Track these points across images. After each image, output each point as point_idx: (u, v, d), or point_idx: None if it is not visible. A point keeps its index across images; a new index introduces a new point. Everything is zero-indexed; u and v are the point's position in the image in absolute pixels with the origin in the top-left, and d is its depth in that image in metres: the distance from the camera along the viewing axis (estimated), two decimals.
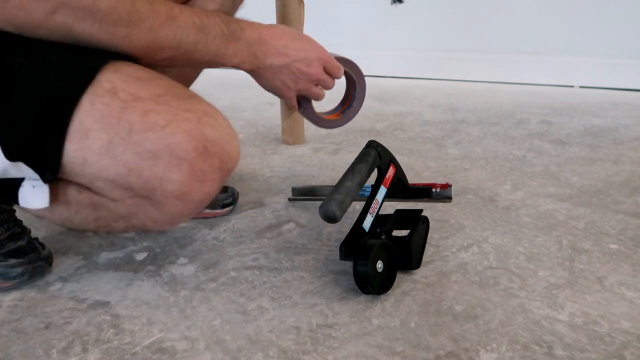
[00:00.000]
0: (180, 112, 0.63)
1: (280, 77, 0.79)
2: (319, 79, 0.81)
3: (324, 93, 0.85)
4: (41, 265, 0.78)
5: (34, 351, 0.62)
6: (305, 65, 0.78)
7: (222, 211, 0.98)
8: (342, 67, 0.85)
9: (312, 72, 0.79)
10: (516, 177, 1.16)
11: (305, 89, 0.82)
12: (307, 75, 0.79)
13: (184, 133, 0.62)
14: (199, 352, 0.61)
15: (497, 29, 2.39)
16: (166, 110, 0.63)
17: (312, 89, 0.83)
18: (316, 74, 0.80)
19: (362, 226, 0.76)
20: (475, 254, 0.82)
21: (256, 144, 1.49)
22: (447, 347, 0.61)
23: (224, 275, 0.78)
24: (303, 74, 0.79)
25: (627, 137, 1.48)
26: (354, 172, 0.78)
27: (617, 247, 0.83)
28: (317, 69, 0.80)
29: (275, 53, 0.76)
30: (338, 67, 0.83)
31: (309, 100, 0.87)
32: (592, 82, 2.27)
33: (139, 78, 0.64)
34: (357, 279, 0.70)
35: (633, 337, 0.62)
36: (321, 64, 0.80)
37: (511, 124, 1.65)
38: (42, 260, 0.78)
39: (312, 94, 0.84)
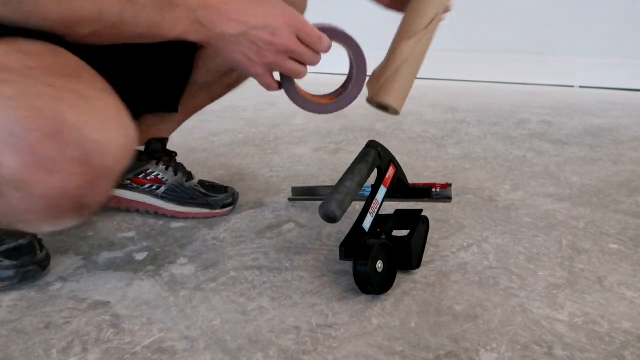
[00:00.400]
0: (41, 86, 0.54)
1: (239, 49, 0.66)
2: (291, 49, 0.67)
3: (303, 69, 0.71)
4: (33, 270, 0.76)
5: (34, 351, 0.62)
6: (268, 34, 0.65)
7: (221, 211, 0.98)
8: (327, 37, 0.70)
9: (278, 42, 0.66)
10: (516, 177, 1.16)
11: (276, 63, 0.68)
12: (273, 45, 0.66)
13: (31, 109, 0.52)
14: (199, 352, 0.61)
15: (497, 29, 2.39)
16: (25, 82, 0.54)
17: (285, 63, 0.69)
18: (285, 44, 0.66)
19: (362, 226, 0.76)
20: (475, 254, 0.82)
21: (256, 144, 1.49)
22: (447, 347, 0.61)
23: (224, 275, 0.78)
24: (267, 43, 0.66)
25: (627, 137, 1.48)
26: (354, 172, 0.78)
27: (617, 247, 0.83)
28: (287, 37, 0.66)
29: (226, 19, 0.64)
30: (318, 37, 0.68)
31: (290, 78, 0.74)
32: (592, 82, 2.27)
33: (27, 52, 0.57)
34: (357, 279, 0.70)
35: (633, 337, 0.62)
36: (292, 32, 0.67)
37: (511, 124, 1.65)
38: (36, 264, 0.77)
39: (287, 70, 0.70)
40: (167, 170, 0.99)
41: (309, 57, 0.69)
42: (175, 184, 0.98)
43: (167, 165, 0.99)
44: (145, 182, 0.98)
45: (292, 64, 0.69)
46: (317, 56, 0.70)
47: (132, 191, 0.99)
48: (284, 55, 0.68)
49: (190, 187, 0.98)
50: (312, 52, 0.69)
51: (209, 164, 1.32)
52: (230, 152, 1.42)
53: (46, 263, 0.79)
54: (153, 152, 1.00)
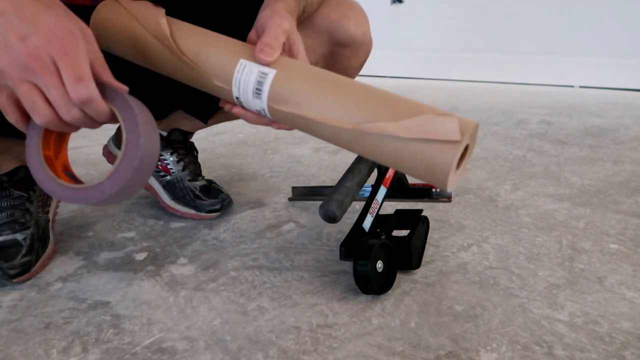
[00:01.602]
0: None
1: None
2: (34, 68, 0.48)
3: (44, 109, 0.50)
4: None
5: (34, 351, 0.62)
6: (17, 33, 0.48)
7: (207, 215, 0.98)
8: (89, 84, 0.50)
9: (21, 49, 0.47)
10: (516, 177, 1.16)
11: (8, 72, 0.49)
12: (15, 49, 0.48)
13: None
14: (199, 352, 0.61)
15: (497, 29, 2.39)
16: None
17: (20, 83, 0.49)
18: (28, 55, 0.47)
19: (362, 226, 0.76)
20: (475, 254, 0.82)
21: (256, 144, 1.49)
22: (447, 347, 0.61)
23: (224, 275, 0.78)
24: (9, 45, 0.48)
25: (627, 137, 1.48)
26: (354, 172, 0.78)
27: (617, 247, 0.83)
28: (36, 50, 0.48)
29: None
30: (77, 77, 0.49)
31: (35, 123, 0.54)
32: (592, 82, 2.27)
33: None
34: (357, 279, 0.70)
35: (633, 337, 0.62)
36: (51, 50, 0.48)
37: (511, 124, 1.65)
38: (5, 271, 0.73)
39: (20, 94, 0.50)
40: (178, 163, 1.00)
41: (55, 94, 0.49)
42: (176, 179, 0.99)
43: (180, 159, 1.00)
44: (156, 166, 1.00)
45: (30, 89, 0.49)
46: (67, 103, 0.50)
47: None
48: (24, 70, 0.48)
49: (187, 187, 0.99)
50: (63, 92, 0.49)
51: (209, 164, 1.32)
52: (230, 152, 1.42)
53: (22, 270, 0.75)
54: (172, 142, 1.01)
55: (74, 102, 0.50)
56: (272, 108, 0.57)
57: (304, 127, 0.56)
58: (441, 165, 0.49)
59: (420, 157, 0.49)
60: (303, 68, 0.58)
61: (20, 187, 0.81)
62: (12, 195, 0.80)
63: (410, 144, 0.50)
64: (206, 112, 0.99)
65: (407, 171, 0.52)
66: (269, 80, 0.56)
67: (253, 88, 0.56)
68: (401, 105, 0.52)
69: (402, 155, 0.50)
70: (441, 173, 0.49)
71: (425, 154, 0.49)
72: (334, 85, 0.55)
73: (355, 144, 0.53)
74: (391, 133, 0.50)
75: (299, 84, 0.55)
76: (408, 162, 0.51)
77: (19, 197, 0.80)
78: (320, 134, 0.55)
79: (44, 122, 0.51)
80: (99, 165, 1.23)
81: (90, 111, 0.52)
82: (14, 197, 0.80)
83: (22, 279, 0.76)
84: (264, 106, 0.57)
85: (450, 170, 0.49)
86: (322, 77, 0.56)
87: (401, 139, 0.50)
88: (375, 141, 0.51)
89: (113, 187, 0.54)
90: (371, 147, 0.52)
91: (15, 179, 0.81)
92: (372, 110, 0.52)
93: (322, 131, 0.55)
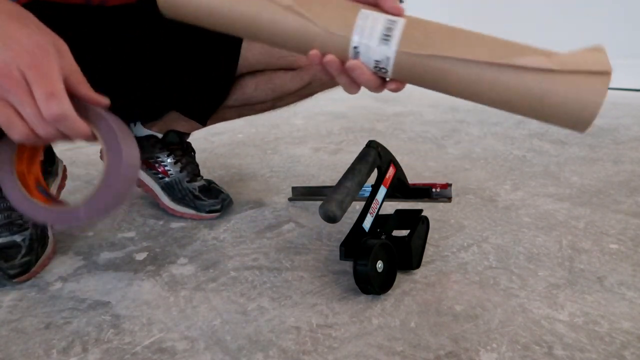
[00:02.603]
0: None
1: None
2: (4, 85, 0.47)
3: (20, 125, 0.48)
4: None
5: (34, 351, 0.62)
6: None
7: (207, 215, 0.98)
8: (62, 100, 0.47)
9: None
10: (516, 177, 1.16)
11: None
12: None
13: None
14: (199, 352, 0.61)
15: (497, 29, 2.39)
16: None
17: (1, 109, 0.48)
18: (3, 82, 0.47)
19: (362, 226, 0.76)
20: (475, 254, 0.82)
21: (256, 144, 1.49)
22: (447, 347, 0.61)
23: (224, 275, 0.78)
24: None
25: (627, 137, 1.48)
26: (354, 172, 0.78)
27: (617, 247, 0.83)
28: (5, 65, 0.46)
29: None
30: (49, 93, 0.47)
31: (6, 143, 0.52)
32: None
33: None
34: (357, 279, 0.70)
35: (633, 337, 0.62)
36: (21, 64, 0.47)
37: (511, 124, 1.65)
38: (5, 271, 0.74)
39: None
40: (175, 165, 1.00)
41: (29, 112, 0.47)
42: (175, 181, 0.99)
43: (177, 160, 1.00)
44: (154, 168, 1.01)
45: (3, 107, 0.48)
46: (41, 120, 0.48)
47: (142, 171, 1.02)
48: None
49: (186, 188, 0.99)
50: (37, 109, 0.47)
51: (208, 164, 1.32)
52: (230, 152, 1.42)
53: (22, 272, 0.76)
54: (169, 143, 1.01)
55: (47, 119, 0.48)
56: (402, 54, 0.53)
57: (437, 74, 0.54)
58: (593, 98, 0.48)
59: (570, 91, 0.49)
60: (427, 20, 0.56)
61: None
62: None
63: (560, 78, 0.49)
64: (203, 113, 0.99)
65: (550, 112, 0.51)
66: (400, 25, 0.54)
67: (380, 34, 0.53)
68: (528, 47, 0.52)
69: (551, 91, 0.50)
70: (593, 106, 0.48)
71: (577, 87, 0.48)
72: (465, 31, 0.54)
73: (500, 85, 0.52)
74: (546, 66, 0.50)
75: (432, 28, 0.54)
76: (555, 99, 0.50)
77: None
78: (457, 78, 0.53)
79: (21, 139, 0.49)
80: (99, 165, 1.23)
81: (65, 129, 0.49)
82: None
83: (22, 279, 0.76)
84: (391, 53, 0.53)
85: (602, 103, 0.48)
86: (450, 26, 0.56)
87: (552, 74, 0.49)
88: (523, 79, 0.51)
89: (90, 213, 0.52)
90: (517, 86, 0.51)
91: None
92: (511, 48, 0.52)
93: (463, 73, 0.53)
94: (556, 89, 0.49)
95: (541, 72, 0.50)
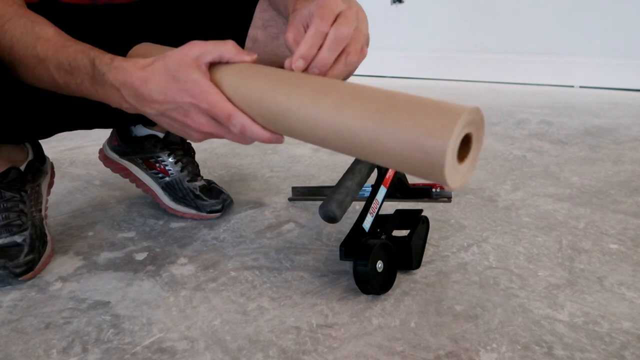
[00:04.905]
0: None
1: (168, 125, 0.63)
2: (207, 132, 0.62)
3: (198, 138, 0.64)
4: (2, 275, 0.74)
5: (34, 351, 0.62)
6: (181, 115, 0.61)
7: (208, 215, 0.98)
8: (236, 116, 0.59)
9: (192, 124, 0.61)
10: (516, 177, 1.16)
11: (205, 139, 0.64)
12: (189, 126, 0.62)
13: None
14: (199, 352, 0.61)
15: (497, 29, 2.39)
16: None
17: (213, 138, 0.64)
18: (198, 127, 0.61)
19: (362, 226, 0.76)
20: (475, 254, 0.82)
21: (256, 144, 1.49)
22: (447, 347, 0.61)
23: (224, 275, 0.78)
24: (183, 124, 0.62)
25: (627, 137, 1.48)
26: (354, 172, 0.78)
27: (617, 247, 0.83)
28: (197, 119, 0.60)
29: (142, 100, 0.61)
30: (226, 116, 0.59)
31: None
32: (592, 82, 2.27)
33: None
34: (357, 279, 0.70)
35: (633, 337, 0.62)
36: (201, 112, 0.60)
37: (511, 124, 1.65)
38: (7, 269, 0.74)
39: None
40: (176, 165, 1.00)
41: (231, 138, 0.62)
42: (175, 180, 0.99)
43: (178, 160, 1.00)
44: (154, 168, 1.01)
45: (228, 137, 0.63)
46: (241, 137, 0.62)
47: (142, 171, 1.02)
48: (204, 134, 0.62)
49: (187, 188, 0.98)
50: (239, 134, 0.61)
51: (209, 164, 1.32)
52: (230, 152, 1.42)
53: (25, 270, 0.76)
54: (170, 143, 1.01)
55: (235, 133, 0.61)
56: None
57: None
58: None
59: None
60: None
61: (11, 189, 0.81)
62: (4, 197, 0.80)
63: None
64: None
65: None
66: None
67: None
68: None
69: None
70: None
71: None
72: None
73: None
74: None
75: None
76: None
77: (11, 198, 0.80)
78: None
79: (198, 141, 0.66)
80: (99, 165, 1.23)
81: (250, 135, 0.60)
82: (7, 199, 0.80)
83: (28, 276, 0.77)
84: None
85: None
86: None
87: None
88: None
89: None
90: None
91: (5, 181, 0.81)
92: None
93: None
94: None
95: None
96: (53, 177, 0.96)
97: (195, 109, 0.59)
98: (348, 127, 0.52)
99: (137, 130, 1.02)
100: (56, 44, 0.63)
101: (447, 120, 0.46)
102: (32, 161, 0.87)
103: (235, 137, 0.62)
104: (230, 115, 0.59)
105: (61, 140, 1.51)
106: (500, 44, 2.40)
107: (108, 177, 1.22)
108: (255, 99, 0.58)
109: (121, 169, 1.04)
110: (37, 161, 0.88)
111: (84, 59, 0.62)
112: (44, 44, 0.63)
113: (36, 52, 0.63)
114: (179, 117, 0.61)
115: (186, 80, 0.59)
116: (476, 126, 0.49)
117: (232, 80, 0.60)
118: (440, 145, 0.46)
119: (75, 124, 0.88)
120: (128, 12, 0.83)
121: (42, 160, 0.92)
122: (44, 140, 0.92)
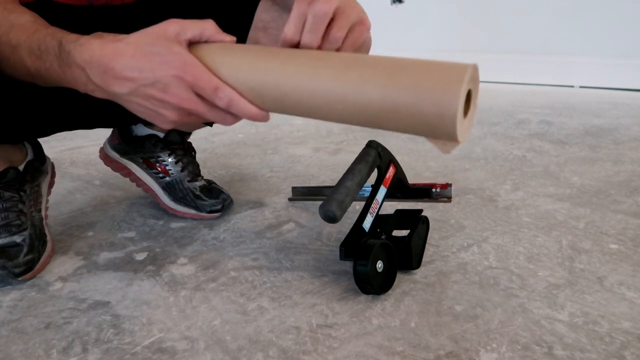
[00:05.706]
0: None
1: (140, 106, 0.58)
2: (186, 108, 0.57)
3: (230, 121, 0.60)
4: (1, 275, 0.74)
5: (34, 351, 0.62)
6: (159, 90, 0.56)
7: (208, 215, 0.98)
8: (223, 89, 0.56)
9: (170, 100, 0.56)
10: (516, 177, 1.16)
11: (181, 120, 0.59)
12: (167, 102, 0.57)
13: None
14: (199, 352, 0.61)
15: (497, 29, 2.39)
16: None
17: (191, 120, 0.60)
18: (177, 102, 0.56)
19: (362, 226, 0.76)
20: (475, 254, 0.82)
21: (256, 144, 1.49)
22: (447, 347, 0.61)
23: (224, 275, 0.78)
24: (160, 100, 0.57)
25: (627, 137, 1.48)
26: (354, 172, 0.78)
27: (617, 247, 0.83)
28: (178, 93, 0.56)
29: (112, 78, 0.56)
30: (212, 89, 0.56)
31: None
32: (592, 82, 2.27)
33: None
34: (357, 279, 0.70)
35: (633, 337, 0.62)
36: (185, 86, 0.56)
37: (511, 124, 1.65)
38: (6, 269, 0.74)
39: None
40: (176, 164, 1.00)
41: (213, 117, 0.59)
42: (175, 180, 0.99)
43: (178, 160, 1.00)
44: (154, 168, 1.00)
45: (197, 121, 0.61)
46: (224, 114, 0.58)
47: (143, 170, 1.02)
48: (183, 112, 0.58)
49: (187, 188, 0.98)
50: (217, 109, 0.58)
51: (209, 164, 1.32)
52: (230, 152, 1.42)
53: (24, 270, 0.76)
54: (170, 142, 1.01)
55: (223, 108, 0.58)
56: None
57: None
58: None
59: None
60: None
61: (10, 189, 0.81)
62: (3, 197, 0.80)
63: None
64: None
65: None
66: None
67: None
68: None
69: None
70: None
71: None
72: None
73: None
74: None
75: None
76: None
77: (10, 198, 0.80)
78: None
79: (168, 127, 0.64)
80: (99, 165, 1.23)
81: (236, 110, 0.58)
82: (6, 199, 0.80)
83: (28, 276, 0.76)
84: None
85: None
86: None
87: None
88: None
89: None
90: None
91: (4, 181, 0.81)
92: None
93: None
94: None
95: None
96: (53, 177, 0.96)
97: (178, 83, 0.55)
98: (353, 88, 0.52)
99: (138, 129, 1.02)
100: (28, 30, 0.60)
101: (456, 73, 0.49)
102: (31, 161, 0.87)
103: (218, 115, 0.58)
104: (218, 87, 0.56)
105: (61, 140, 1.51)
106: (500, 44, 2.40)
107: (108, 177, 1.22)
108: (244, 70, 0.56)
109: (121, 168, 1.04)
110: (37, 161, 0.88)
111: (52, 41, 0.58)
112: (17, 30, 0.60)
113: (9, 39, 0.60)
114: (155, 94, 0.56)
115: (167, 53, 0.55)
116: (474, 83, 0.52)
117: (215, 55, 0.58)
118: (454, 94, 0.48)
119: (76, 124, 0.88)
120: (125, 14, 0.83)
121: (42, 160, 0.91)
122: (43, 140, 0.92)
